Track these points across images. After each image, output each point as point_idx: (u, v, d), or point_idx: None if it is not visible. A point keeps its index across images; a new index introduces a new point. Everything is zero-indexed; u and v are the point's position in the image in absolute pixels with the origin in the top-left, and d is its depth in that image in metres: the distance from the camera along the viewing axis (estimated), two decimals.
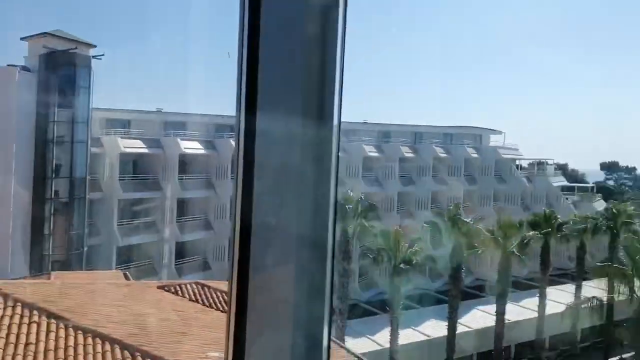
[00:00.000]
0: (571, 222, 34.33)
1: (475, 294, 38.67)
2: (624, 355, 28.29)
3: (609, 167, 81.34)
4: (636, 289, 21.98)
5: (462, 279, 30.36)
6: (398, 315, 26.39)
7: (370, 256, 26.56)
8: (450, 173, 43.00)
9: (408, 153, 40.92)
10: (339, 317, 25.64)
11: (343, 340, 22.75)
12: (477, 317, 33.34)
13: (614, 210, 36.32)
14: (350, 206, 24.88)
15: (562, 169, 61.86)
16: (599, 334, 33.96)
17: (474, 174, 44.28)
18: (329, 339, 0.99)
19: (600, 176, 77.80)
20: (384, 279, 30.30)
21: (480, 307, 35.14)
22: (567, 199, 49.14)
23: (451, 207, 29.60)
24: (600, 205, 46.70)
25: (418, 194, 41.02)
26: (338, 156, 0.98)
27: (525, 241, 30.46)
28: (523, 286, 39.52)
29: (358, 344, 25.99)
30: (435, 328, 30.61)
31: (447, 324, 29.19)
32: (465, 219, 28.97)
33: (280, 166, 0.96)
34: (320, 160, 0.96)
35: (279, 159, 0.96)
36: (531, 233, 30.83)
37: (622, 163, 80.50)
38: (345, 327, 26.61)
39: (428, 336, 30.11)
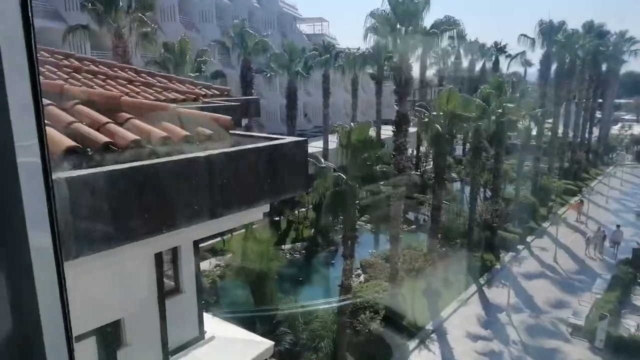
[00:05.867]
0: (344, 54, 37.69)
1: None
2: None
3: None
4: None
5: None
6: None
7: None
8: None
9: None
10: None
11: None
12: None
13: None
14: None
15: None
16: None
17: (257, 26, 44.03)
18: None
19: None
20: None
21: None
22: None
23: (237, 22, 28.57)
24: None
25: (203, 40, 38.87)
26: None
27: (307, 63, 32.18)
28: (309, 136, 43.47)
29: None
30: None
31: None
32: (253, 32, 28.55)
33: None
34: None
35: None
36: (312, 53, 32.74)
37: None
38: None
39: None
